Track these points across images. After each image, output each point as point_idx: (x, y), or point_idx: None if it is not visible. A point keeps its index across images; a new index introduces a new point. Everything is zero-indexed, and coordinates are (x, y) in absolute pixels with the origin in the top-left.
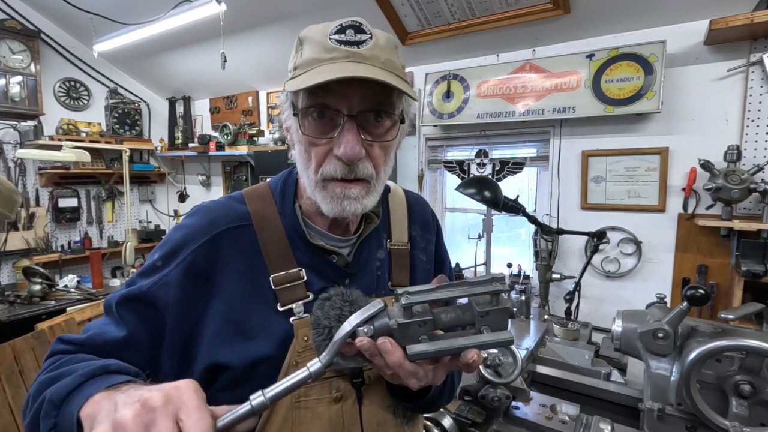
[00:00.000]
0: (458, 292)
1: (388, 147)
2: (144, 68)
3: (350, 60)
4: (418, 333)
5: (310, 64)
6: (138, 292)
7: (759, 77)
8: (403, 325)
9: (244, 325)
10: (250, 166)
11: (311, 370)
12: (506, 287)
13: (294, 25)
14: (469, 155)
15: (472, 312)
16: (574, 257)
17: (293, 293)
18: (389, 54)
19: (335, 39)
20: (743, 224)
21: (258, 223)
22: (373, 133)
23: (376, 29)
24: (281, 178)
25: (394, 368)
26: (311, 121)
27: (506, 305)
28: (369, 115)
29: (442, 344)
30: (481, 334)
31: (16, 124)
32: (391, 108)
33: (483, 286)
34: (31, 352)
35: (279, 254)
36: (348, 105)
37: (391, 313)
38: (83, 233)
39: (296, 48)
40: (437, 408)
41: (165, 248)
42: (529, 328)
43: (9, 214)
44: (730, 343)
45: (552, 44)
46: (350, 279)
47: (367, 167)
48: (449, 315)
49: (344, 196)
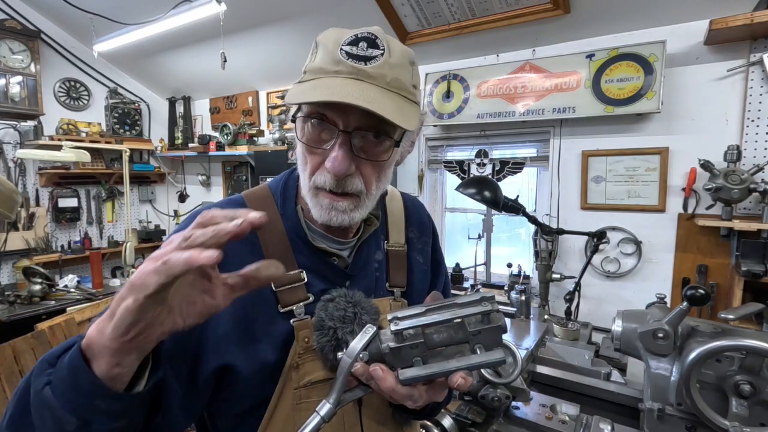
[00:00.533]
0: (448, 315)
1: (382, 166)
2: (144, 68)
3: (353, 77)
4: (410, 355)
5: (317, 74)
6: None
7: (759, 77)
8: (395, 349)
9: (250, 327)
10: (250, 166)
11: (321, 413)
12: (496, 307)
13: (294, 25)
14: (469, 155)
15: (464, 331)
16: (574, 257)
17: (294, 295)
18: (399, 72)
19: (345, 51)
20: (743, 224)
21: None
22: (368, 151)
23: (395, 42)
24: (281, 180)
25: (388, 393)
26: (310, 127)
27: (498, 323)
28: (367, 134)
29: (433, 368)
30: (474, 354)
31: (16, 124)
32: (390, 130)
33: (473, 306)
34: (31, 352)
35: (280, 256)
36: (345, 121)
37: (384, 337)
38: (83, 233)
39: (312, 50)
40: (437, 413)
41: None
42: (529, 328)
43: (9, 214)
44: (730, 343)
45: (552, 44)
46: (350, 281)
47: (357, 183)
48: (441, 335)
49: (332, 207)
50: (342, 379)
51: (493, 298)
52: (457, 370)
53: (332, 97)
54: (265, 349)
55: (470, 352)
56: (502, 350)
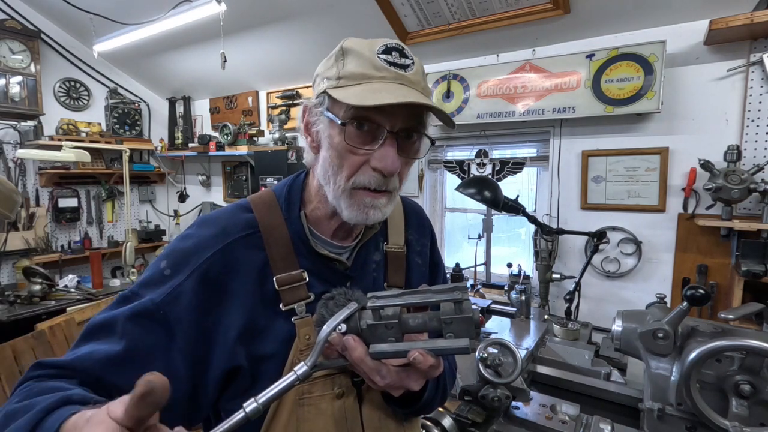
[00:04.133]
0: (420, 299)
1: (412, 163)
2: (144, 68)
3: (399, 82)
4: (386, 335)
5: (359, 79)
6: (151, 306)
7: (759, 77)
8: (371, 326)
9: (256, 328)
10: (250, 166)
11: (298, 373)
12: (467, 296)
13: (294, 25)
14: (469, 155)
15: (438, 319)
16: (574, 257)
17: (295, 294)
18: (425, 80)
19: (384, 59)
20: (743, 224)
21: (265, 230)
22: (406, 149)
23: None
24: (286, 185)
25: (357, 363)
26: (353, 130)
27: (469, 314)
28: (412, 133)
29: (400, 346)
30: (440, 339)
31: (16, 124)
32: (423, 127)
33: (445, 294)
34: (31, 352)
35: (283, 258)
36: (392, 123)
37: (365, 315)
38: (83, 233)
39: (337, 57)
40: (431, 410)
41: (173, 257)
42: (529, 328)
43: (9, 214)
44: (730, 343)
45: (552, 44)
46: (350, 282)
47: (395, 180)
48: (417, 320)
49: (372, 205)
50: (320, 345)
51: (467, 288)
52: (424, 350)
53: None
54: (264, 346)
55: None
56: (469, 340)
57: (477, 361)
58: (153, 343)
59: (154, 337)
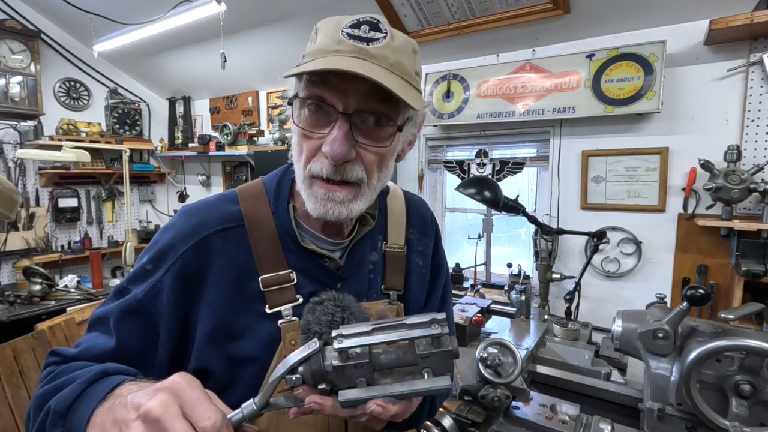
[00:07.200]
0: (394, 336)
1: (384, 153)
2: (144, 68)
3: (354, 56)
4: (355, 375)
5: (315, 55)
6: (134, 302)
7: (759, 77)
8: (339, 368)
9: (231, 328)
10: (250, 166)
11: (244, 412)
12: (446, 330)
13: (294, 25)
14: (469, 155)
15: (413, 353)
16: (574, 257)
17: (282, 296)
18: (402, 56)
19: (347, 32)
20: (743, 224)
21: (250, 223)
22: (370, 136)
23: (398, 32)
24: (276, 176)
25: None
26: (307, 112)
27: (449, 348)
28: (369, 117)
29: (375, 390)
30: (419, 380)
31: (16, 124)
32: (393, 113)
33: (422, 328)
34: (31, 352)
35: (269, 256)
36: (344, 102)
37: (329, 354)
38: (83, 233)
39: (311, 37)
40: (419, 424)
41: (153, 251)
42: (529, 328)
43: (9, 214)
44: (730, 343)
45: (552, 44)
46: (342, 283)
47: (357, 171)
48: (389, 356)
49: (328, 198)
50: (269, 387)
51: (444, 320)
52: (400, 396)
53: (328, 65)
54: (242, 347)
55: (419, 376)
56: (450, 378)
57: (477, 361)
58: (140, 338)
59: (142, 334)
